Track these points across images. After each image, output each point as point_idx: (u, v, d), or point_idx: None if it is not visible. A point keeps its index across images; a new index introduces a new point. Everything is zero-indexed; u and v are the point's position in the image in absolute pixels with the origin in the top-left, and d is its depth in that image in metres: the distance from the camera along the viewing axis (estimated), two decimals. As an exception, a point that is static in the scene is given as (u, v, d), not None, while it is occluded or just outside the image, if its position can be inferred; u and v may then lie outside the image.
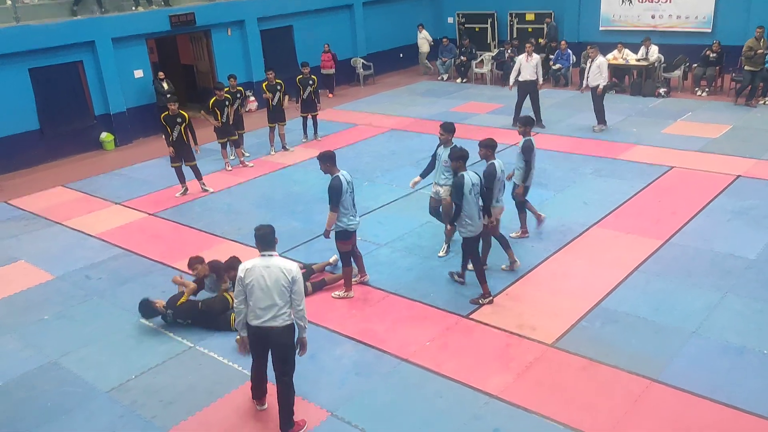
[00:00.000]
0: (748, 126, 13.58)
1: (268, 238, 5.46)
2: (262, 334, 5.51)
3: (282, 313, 5.42)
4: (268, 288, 5.35)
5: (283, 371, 5.64)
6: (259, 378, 5.97)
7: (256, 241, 5.51)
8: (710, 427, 5.53)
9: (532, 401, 5.95)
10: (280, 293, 5.37)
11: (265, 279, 5.36)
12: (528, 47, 14.17)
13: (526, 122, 8.82)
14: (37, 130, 14.32)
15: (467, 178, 7.26)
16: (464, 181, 7.24)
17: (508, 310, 7.46)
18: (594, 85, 13.61)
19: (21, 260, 9.68)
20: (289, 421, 5.72)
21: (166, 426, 5.98)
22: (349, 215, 7.57)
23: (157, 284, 8.57)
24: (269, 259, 5.43)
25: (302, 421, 5.82)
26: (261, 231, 5.48)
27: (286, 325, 5.48)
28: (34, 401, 6.47)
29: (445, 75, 20.47)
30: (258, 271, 5.39)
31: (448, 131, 8.38)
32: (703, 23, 17.98)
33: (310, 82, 14.09)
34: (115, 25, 15.07)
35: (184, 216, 10.90)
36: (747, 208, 9.60)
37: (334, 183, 7.43)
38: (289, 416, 5.71)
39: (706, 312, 7.14)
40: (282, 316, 5.42)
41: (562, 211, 9.90)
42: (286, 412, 5.71)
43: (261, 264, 5.41)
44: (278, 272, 5.36)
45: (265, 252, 5.47)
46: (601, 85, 13.50)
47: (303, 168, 12.92)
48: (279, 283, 5.35)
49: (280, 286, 5.35)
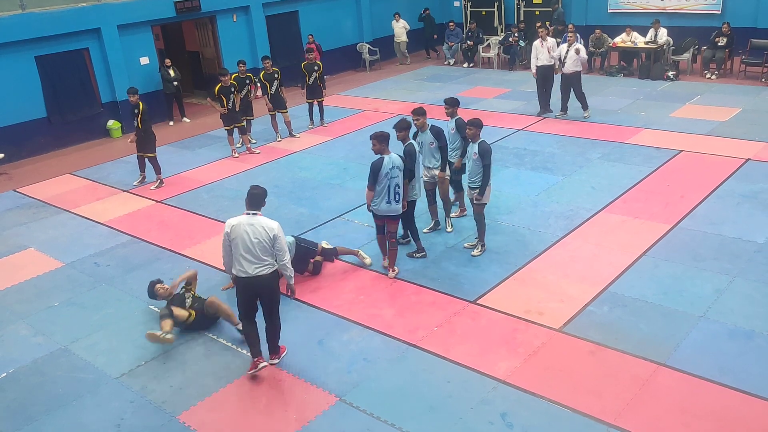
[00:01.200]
0: (757, 109, 13.45)
1: (258, 199, 6.05)
2: (250, 283, 6.08)
3: (267, 264, 6.01)
4: (252, 244, 5.92)
5: (270, 310, 6.31)
6: (253, 335, 6.38)
7: (247, 198, 6.05)
8: (718, 411, 5.53)
9: (539, 386, 5.97)
10: (263, 249, 5.95)
11: (249, 235, 5.92)
12: (542, 32, 13.63)
13: (452, 103, 8.87)
14: (44, 118, 14.37)
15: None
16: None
17: (515, 295, 7.46)
18: (571, 71, 13.19)
19: (30, 248, 9.74)
20: (276, 347, 6.53)
21: (176, 411, 6.04)
22: (378, 198, 7.65)
23: (164, 271, 8.61)
24: (253, 217, 5.98)
25: (282, 347, 6.61)
26: (255, 191, 6.06)
27: (272, 272, 6.09)
28: (45, 387, 6.53)
29: (451, 60, 20.34)
30: (242, 227, 5.95)
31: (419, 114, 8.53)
32: (713, 4, 17.76)
33: (316, 68, 14.03)
34: (121, 11, 15.04)
35: (192, 203, 10.93)
36: (756, 192, 9.54)
37: (375, 162, 7.57)
38: (275, 344, 6.51)
39: (714, 296, 7.12)
40: (267, 266, 6.03)
41: (570, 196, 9.87)
42: (273, 343, 6.49)
43: (246, 221, 5.97)
44: (261, 230, 5.93)
45: (250, 211, 6.02)
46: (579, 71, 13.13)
47: (310, 154, 12.91)
48: (262, 239, 5.92)
49: (262, 242, 5.92)
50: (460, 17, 22.05)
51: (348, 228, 9.48)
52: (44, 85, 14.22)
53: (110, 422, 5.97)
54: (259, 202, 6.07)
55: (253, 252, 5.95)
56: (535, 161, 11.42)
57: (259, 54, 17.75)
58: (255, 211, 6.04)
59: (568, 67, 13.18)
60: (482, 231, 8.36)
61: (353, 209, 10.03)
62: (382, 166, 7.50)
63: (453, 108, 8.84)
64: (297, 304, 7.63)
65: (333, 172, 11.79)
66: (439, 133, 8.52)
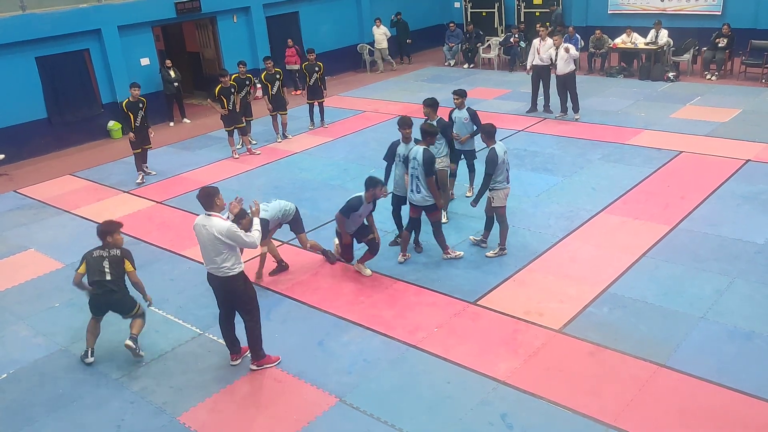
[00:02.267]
0: (757, 110, 13.45)
1: (207, 200, 6.03)
2: (212, 280, 6.24)
3: (222, 266, 6.05)
4: (204, 244, 6.07)
5: (241, 312, 6.37)
6: (226, 330, 6.50)
7: (199, 199, 6.09)
8: (718, 411, 5.53)
9: (539, 387, 5.97)
10: (216, 250, 6.00)
11: (204, 236, 6.04)
12: (542, 32, 13.74)
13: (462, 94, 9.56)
14: (44, 119, 14.38)
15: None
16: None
17: (515, 296, 7.47)
18: (564, 72, 13.23)
19: (31, 249, 9.75)
20: (257, 352, 6.47)
21: (176, 412, 6.04)
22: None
23: (165, 272, 8.63)
24: (208, 218, 6.03)
25: (276, 357, 6.57)
26: (202, 191, 6.09)
27: (228, 276, 6.10)
28: (45, 388, 6.54)
29: (452, 60, 20.34)
30: (199, 228, 6.09)
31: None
32: (713, 5, 17.78)
33: (317, 69, 14.05)
34: (121, 12, 15.06)
35: (192, 204, 10.85)
36: (756, 193, 9.54)
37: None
38: (255, 348, 6.46)
39: (714, 297, 7.12)
40: (222, 269, 6.06)
41: (570, 197, 9.87)
42: (252, 345, 6.46)
43: (200, 222, 6.09)
44: (212, 231, 5.95)
45: (207, 211, 6.06)
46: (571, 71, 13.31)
47: (310, 155, 12.92)
48: (213, 241, 5.97)
49: (215, 243, 5.97)
50: (460, 18, 22.06)
51: (348, 229, 9.48)
52: (45, 86, 14.23)
53: (110, 423, 5.97)
54: (208, 203, 6.03)
55: (206, 251, 6.10)
56: (535, 162, 11.43)
57: (259, 55, 17.77)
58: (209, 211, 6.04)
59: (560, 69, 13.25)
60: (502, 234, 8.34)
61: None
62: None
63: (463, 98, 9.53)
64: (297, 304, 7.64)
65: (333, 173, 11.79)
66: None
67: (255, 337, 6.42)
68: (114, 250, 6.65)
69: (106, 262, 6.58)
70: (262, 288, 7.91)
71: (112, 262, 6.59)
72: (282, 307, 7.62)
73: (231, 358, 6.63)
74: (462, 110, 9.49)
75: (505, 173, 8.02)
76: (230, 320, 6.48)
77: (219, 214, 6.07)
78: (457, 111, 9.51)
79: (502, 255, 8.28)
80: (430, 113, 8.94)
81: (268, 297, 7.72)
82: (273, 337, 6.94)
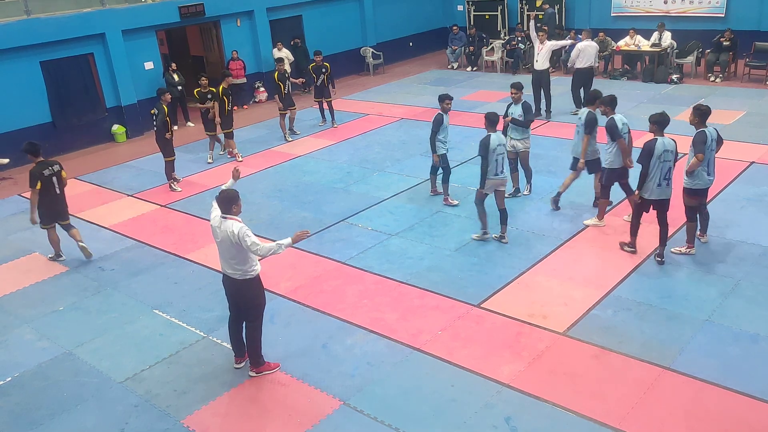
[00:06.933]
0: (762, 112, 13.42)
1: (225, 205, 6.04)
2: (225, 280, 6.30)
3: (237, 268, 6.10)
4: (221, 246, 6.13)
5: (245, 317, 6.40)
6: (233, 332, 6.53)
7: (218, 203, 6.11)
8: (723, 414, 5.51)
9: (543, 390, 5.96)
10: (230, 253, 6.05)
11: (219, 238, 6.10)
12: (540, 35, 13.84)
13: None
14: (49, 123, 14.41)
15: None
16: None
17: (519, 298, 7.45)
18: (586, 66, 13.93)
19: (35, 252, 9.77)
20: (256, 359, 6.49)
21: (180, 415, 6.04)
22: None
23: (169, 275, 8.64)
24: (223, 221, 6.06)
25: (275, 364, 6.56)
26: (222, 195, 6.10)
27: (241, 280, 6.15)
28: (49, 391, 6.55)
29: (455, 63, 20.36)
30: (215, 230, 6.16)
31: (518, 88, 9.58)
32: (716, 8, 17.76)
33: (323, 70, 14.40)
34: (126, 17, 15.10)
35: (195, 207, 10.95)
36: (761, 195, 9.52)
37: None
38: (254, 355, 6.48)
39: (719, 300, 7.10)
40: (238, 271, 6.11)
41: (574, 199, 9.85)
42: (251, 351, 6.49)
43: (215, 225, 6.14)
44: (226, 234, 5.98)
45: (223, 214, 6.08)
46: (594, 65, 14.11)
47: (313, 158, 12.93)
48: (227, 243, 6.01)
49: (229, 245, 6.01)
50: (463, 21, 22.08)
51: (352, 232, 9.48)
52: (49, 90, 14.27)
53: (114, 426, 5.98)
54: (226, 208, 6.03)
55: (221, 252, 6.16)
56: (538, 165, 11.40)
57: (263, 58, 17.82)
58: (226, 214, 6.06)
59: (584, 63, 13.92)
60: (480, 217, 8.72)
61: (357, 213, 10.04)
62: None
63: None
64: (301, 307, 7.64)
65: (337, 176, 11.80)
66: (528, 108, 9.59)
67: (254, 344, 6.44)
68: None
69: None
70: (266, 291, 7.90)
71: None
72: (286, 310, 7.62)
73: (235, 361, 6.65)
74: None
75: (494, 164, 8.30)
76: (239, 323, 6.49)
77: (236, 217, 6.07)
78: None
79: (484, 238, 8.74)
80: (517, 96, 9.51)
81: (271, 300, 7.71)
82: (277, 340, 6.95)
